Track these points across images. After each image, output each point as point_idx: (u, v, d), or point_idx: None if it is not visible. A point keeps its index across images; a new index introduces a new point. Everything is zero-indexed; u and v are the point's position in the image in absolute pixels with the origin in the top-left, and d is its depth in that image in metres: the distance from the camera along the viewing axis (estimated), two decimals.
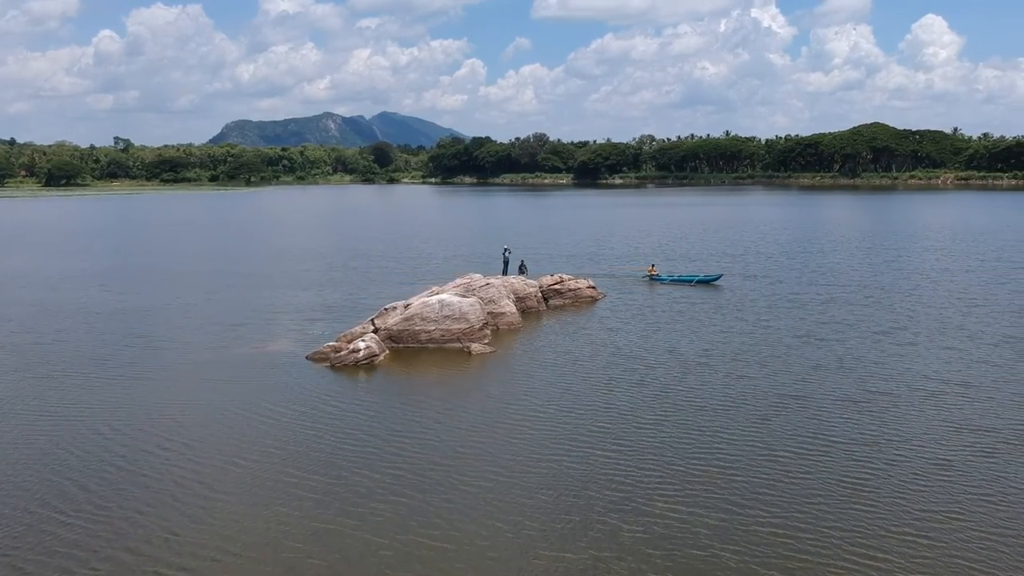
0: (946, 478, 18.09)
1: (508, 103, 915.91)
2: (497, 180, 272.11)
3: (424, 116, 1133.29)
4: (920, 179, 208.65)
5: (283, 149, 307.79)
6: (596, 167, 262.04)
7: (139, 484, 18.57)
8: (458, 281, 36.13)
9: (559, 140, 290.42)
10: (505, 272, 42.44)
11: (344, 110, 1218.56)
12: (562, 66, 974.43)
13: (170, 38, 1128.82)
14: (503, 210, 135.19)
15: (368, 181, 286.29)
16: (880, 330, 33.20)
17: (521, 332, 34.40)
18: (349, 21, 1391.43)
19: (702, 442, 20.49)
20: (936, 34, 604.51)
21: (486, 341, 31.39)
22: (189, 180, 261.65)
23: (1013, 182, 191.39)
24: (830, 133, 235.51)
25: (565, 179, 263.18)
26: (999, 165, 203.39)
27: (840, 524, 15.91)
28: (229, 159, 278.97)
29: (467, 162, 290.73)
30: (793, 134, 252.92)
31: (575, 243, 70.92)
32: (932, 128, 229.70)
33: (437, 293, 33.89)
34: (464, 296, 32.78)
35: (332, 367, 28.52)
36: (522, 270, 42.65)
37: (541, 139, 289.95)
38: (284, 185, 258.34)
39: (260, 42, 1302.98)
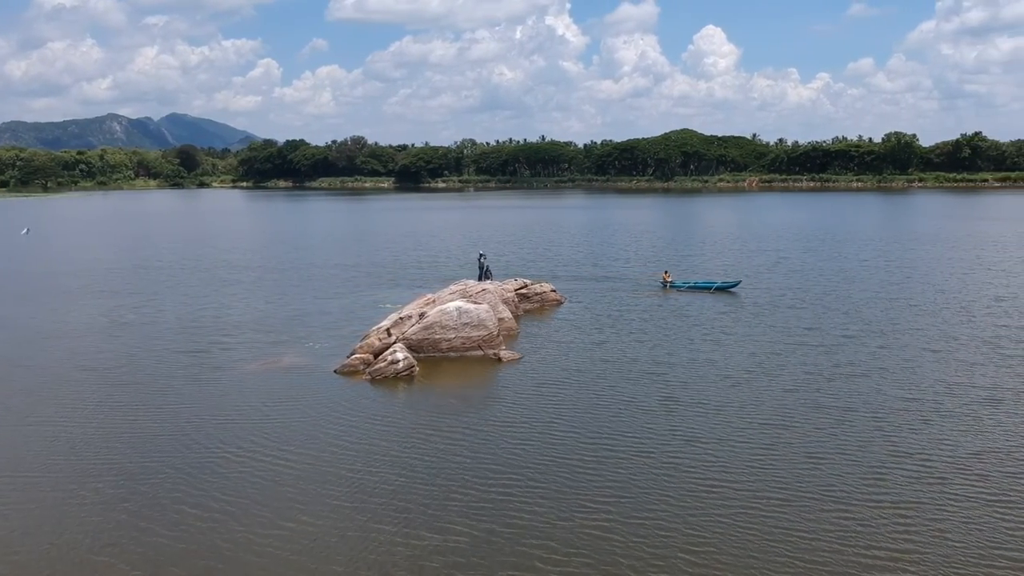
0: None
1: (305, 105, 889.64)
2: (314, 184, 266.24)
3: (216, 118, 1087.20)
4: (728, 182, 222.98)
5: (79, 152, 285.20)
6: (418, 171, 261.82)
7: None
8: (453, 288, 35.18)
9: (377, 143, 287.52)
10: (480, 278, 41.72)
11: (129, 111, 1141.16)
12: (360, 68, 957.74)
13: None
14: (347, 215, 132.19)
15: (177, 186, 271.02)
16: (849, 334, 33.01)
17: (522, 337, 33.95)
18: (133, 18, 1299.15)
19: (779, 465, 19.50)
20: (716, 44, 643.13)
21: (504, 348, 30.81)
22: None
23: (812, 184, 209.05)
24: (644, 139, 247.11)
25: (386, 183, 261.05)
26: (796, 168, 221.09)
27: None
28: (19, 163, 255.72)
29: (281, 165, 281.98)
30: (609, 139, 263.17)
31: (448, 251, 69.08)
32: (735, 134, 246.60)
33: (432, 301, 32.93)
34: (477, 303, 32.03)
35: (372, 380, 27.06)
36: (488, 275, 42.18)
37: (359, 142, 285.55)
38: (85, 191, 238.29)
39: (33, 37, 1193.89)
